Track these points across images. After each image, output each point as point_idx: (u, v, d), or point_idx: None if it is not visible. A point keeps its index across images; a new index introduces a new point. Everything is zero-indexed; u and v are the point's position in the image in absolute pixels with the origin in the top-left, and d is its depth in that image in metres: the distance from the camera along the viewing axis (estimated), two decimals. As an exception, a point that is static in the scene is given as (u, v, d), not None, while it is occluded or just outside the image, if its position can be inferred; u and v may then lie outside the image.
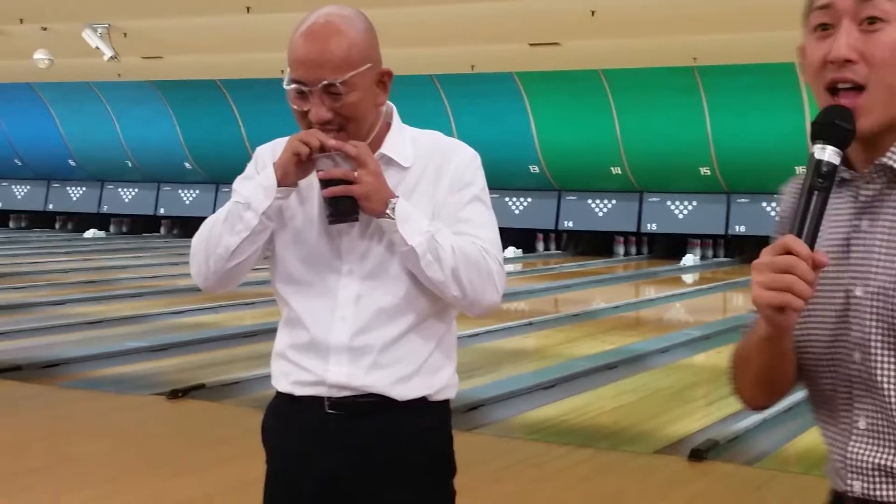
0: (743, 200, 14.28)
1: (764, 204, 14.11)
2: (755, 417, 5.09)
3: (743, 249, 14.61)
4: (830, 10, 1.33)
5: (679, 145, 14.03)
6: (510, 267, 13.87)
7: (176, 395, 5.43)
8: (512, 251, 14.82)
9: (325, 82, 1.84)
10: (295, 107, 1.90)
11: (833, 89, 1.33)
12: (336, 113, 1.87)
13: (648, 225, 14.80)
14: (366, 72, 1.88)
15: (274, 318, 6.97)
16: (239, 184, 1.99)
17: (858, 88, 1.32)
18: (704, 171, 14.17)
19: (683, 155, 14.08)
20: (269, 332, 7.39)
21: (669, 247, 14.74)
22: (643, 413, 5.43)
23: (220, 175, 16.51)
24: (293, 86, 1.87)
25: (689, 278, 12.89)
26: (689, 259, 14.12)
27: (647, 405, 5.62)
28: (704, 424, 5.11)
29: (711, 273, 13.17)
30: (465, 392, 5.45)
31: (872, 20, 1.31)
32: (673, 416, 5.34)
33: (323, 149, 1.85)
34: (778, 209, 1.52)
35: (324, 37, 1.85)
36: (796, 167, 13.57)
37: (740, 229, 14.30)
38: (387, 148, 1.95)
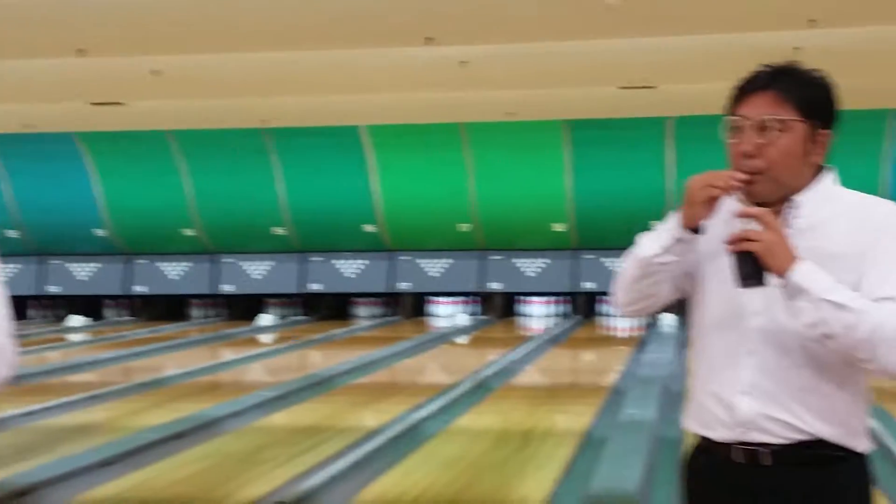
0: (317, 259, 14.57)
1: (337, 262, 14.50)
2: (324, 474, 5.11)
3: (319, 307, 14.91)
4: None
5: (253, 206, 14.08)
6: (77, 337, 13.12)
7: None
8: (79, 319, 14.09)
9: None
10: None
11: None
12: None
13: (224, 286, 14.67)
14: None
15: None
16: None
17: None
18: (279, 231, 14.32)
19: (257, 215, 14.16)
20: None
21: (246, 307, 14.71)
22: (212, 480, 5.25)
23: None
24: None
25: (266, 338, 12.88)
26: (266, 318, 14.15)
27: (217, 472, 5.45)
28: (274, 486, 5.03)
29: (290, 331, 13.26)
30: (13, 477, 4.98)
31: None
32: (242, 481, 5.21)
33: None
34: None
35: None
36: (364, 225, 14.14)
37: (316, 287, 14.56)
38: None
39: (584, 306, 14.08)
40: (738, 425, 2.04)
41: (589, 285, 13.77)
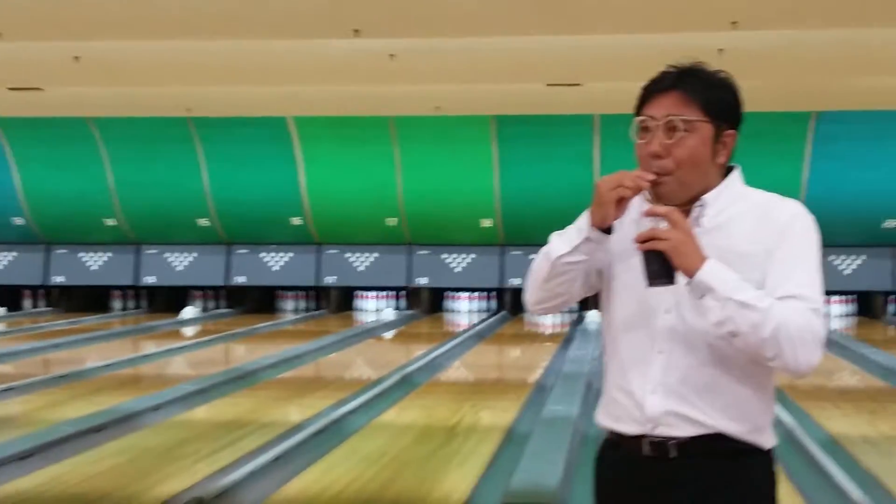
0: (242, 251, 14.42)
1: (263, 254, 14.36)
2: (245, 469, 5.04)
3: (244, 300, 14.76)
4: None
5: (177, 196, 13.87)
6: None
7: None
8: (-2, 310, 13.81)
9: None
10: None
11: None
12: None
13: (146, 278, 14.45)
14: None
15: None
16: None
17: None
18: (203, 222, 14.13)
19: (181, 206, 13.95)
20: None
21: (169, 299, 14.51)
22: (129, 476, 5.15)
23: None
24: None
25: (189, 331, 12.71)
26: (190, 311, 13.96)
27: (134, 467, 5.35)
28: (192, 482, 4.96)
29: (213, 325, 13.11)
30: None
31: None
32: (161, 477, 5.13)
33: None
34: None
35: None
36: (291, 218, 14.02)
37: (241, 280, 14.41)
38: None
39: (511, 302, 14.13)
40: (648, 421, 2.08)
41: (516, 281, 13.83)
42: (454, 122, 13.03)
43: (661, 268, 1.99)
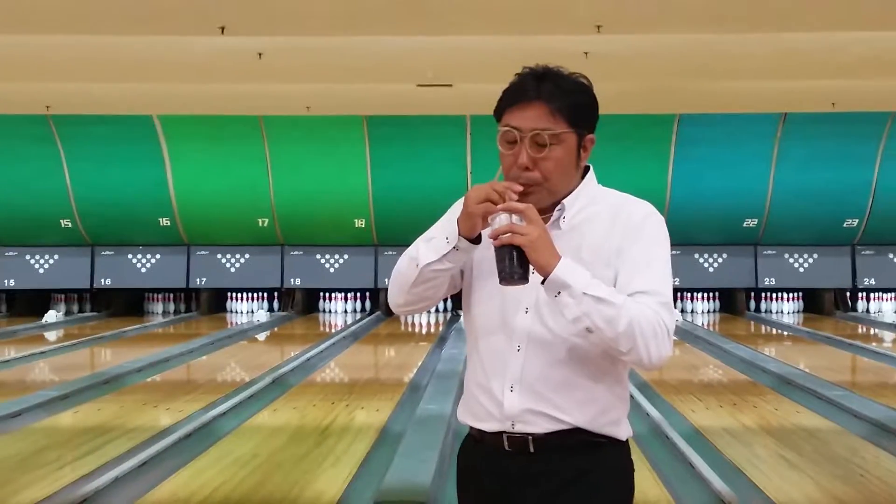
0: (108, 253, 14.03)
1: (130, 256, 14.01)
2: (108, 476, 4.91)
3: (111, 303, 14.36)
4: None
5: (38, 197, 13.42)
6: None
7: None
8: None
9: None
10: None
11: None
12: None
13: (6, 281, 13.93)
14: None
15: None
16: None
17: None
18: (65, 223, 13.70)
19: (42, 206, 13.50)
20: None
21: (31, 303, 14.02)
22: (-14, 487, 4.95)
23: None
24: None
25: (52, 335, 12.30)
26: (52, 315, 13.52)
27: (-9, 477, 5.15)
28: (54, 490, 4.80)
29: (78, 329, 12.72)
30: None
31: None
32: (20, 485, 4.95)
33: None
34: None
35: None
36: (160, 218, 13.71)
37: (106, 282, 14.02)
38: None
39: (385, 303, 14.12)
40: (507, 419, 2.12)
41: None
42: (326, 122, 12.96)
43: (513, 265, 2.01)
